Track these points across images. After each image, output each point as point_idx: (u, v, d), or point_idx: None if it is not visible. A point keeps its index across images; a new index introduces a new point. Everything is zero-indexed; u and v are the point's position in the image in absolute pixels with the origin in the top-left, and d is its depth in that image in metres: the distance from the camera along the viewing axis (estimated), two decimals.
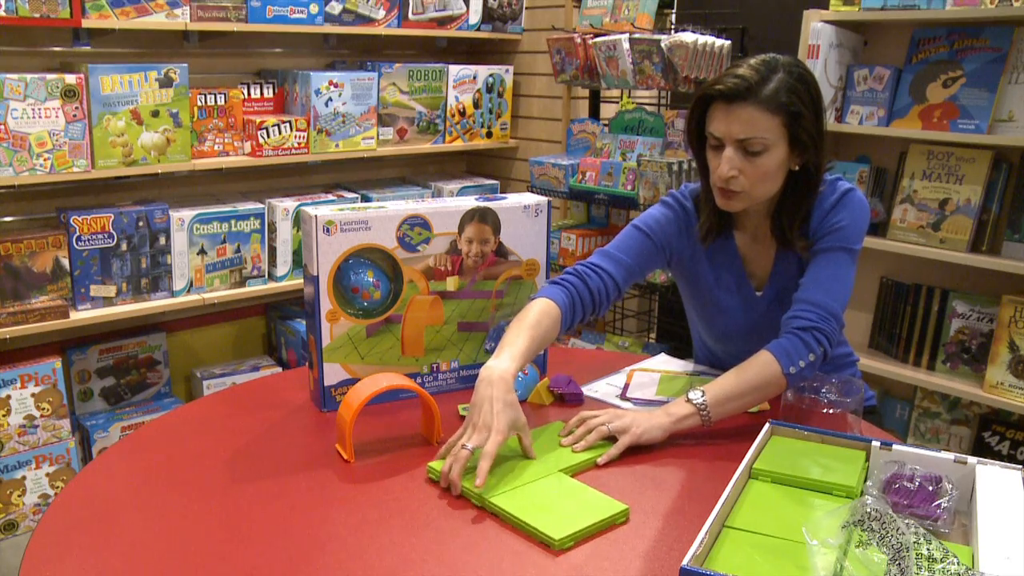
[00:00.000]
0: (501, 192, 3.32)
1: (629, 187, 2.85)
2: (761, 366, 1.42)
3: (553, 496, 1.22)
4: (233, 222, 2.79)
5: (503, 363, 1.33)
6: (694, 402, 1.39)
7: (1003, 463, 1.17)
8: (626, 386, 1.67)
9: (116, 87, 2.49)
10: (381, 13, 3.00)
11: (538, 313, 1.45)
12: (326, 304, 1.47)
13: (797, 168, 1.49)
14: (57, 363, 2.53)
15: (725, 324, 1.67)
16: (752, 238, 1.61)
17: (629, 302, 3.50)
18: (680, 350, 2.10)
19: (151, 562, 1.06)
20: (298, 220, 2.90)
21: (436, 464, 1.29)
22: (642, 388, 1.65)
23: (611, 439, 1.37)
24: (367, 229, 1.47)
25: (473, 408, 1.29)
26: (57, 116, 2.41)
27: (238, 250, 2.83)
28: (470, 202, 1.57)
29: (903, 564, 0.95)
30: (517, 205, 1.59)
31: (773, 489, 1.18)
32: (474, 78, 3.30)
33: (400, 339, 1.55)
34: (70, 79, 2.41)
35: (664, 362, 1.82)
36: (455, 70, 3.24)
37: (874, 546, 0.99)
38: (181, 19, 2.58)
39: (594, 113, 3.32)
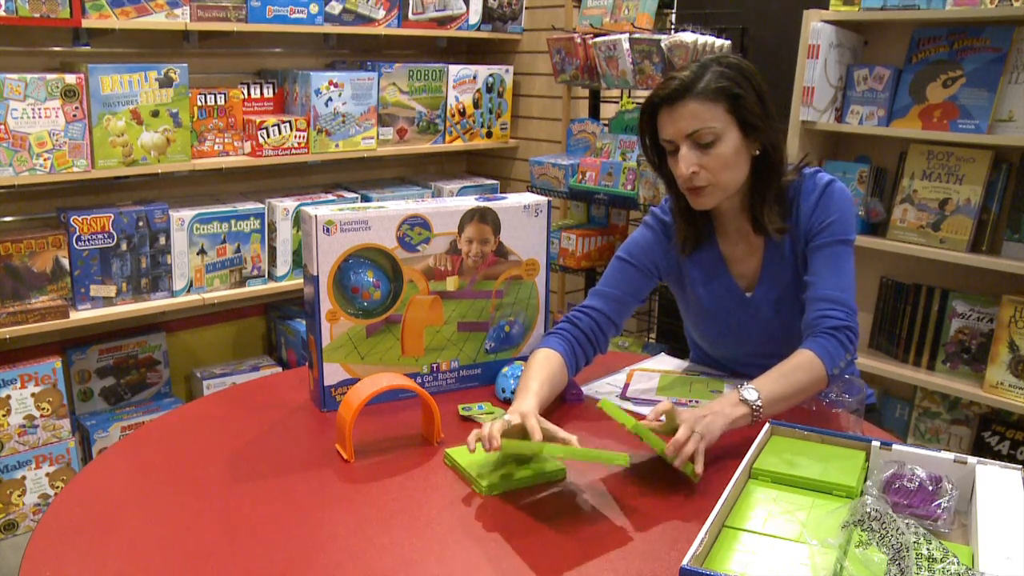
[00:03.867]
0: (501, 192, 3.32)
1: (629, 187, 2.85)
2: (809, 369, 1.41)
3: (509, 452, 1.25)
4: (233, 222, 2.79)
5: (525, 402, 1.36)
6: (750, 403, 1.36)
7: (1003, 463, 1.17)
8: (626, 386, 1.67)
9: (116, 87, 2.49)
10: (381, 13, 3.00)
11: (543, 358, 1.50)
12: (326, 304, 1.47)
13: (758, 153, 1.51)
14: (57, 363, 2.53)
15: (717, 328, 1.68)
16: (736, 240, 1.62)
17: None
18: (679, 350, 2.11)
19: (151, 562, 1.06)
20: (298, 220, 2.90)
21: (453, 452, 1.33)
22: (642, 388, 1.65)
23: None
24: (367, 229, 1.47)
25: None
26: (57, 116, 2.41)
27: (238, 250, 2.83)
28: (470, 202, 1.57)
29: (903, 564, 0.95)
30: (517, 205, 1.59)
31: (773, 489, 1.18)
32: (474, 78, 3.30)
33: (400, 339, 1.55)
34: (70, 79, 2.41)
35: (664, 362, 1.82)
36: (455, 70, 3.24)
37: (874, 546, 0.99)
38: (181, 19, 2.58)
39: (594, 113, 3.32)
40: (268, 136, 2.81)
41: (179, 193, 2.95)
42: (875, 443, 1.24)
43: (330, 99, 2.90)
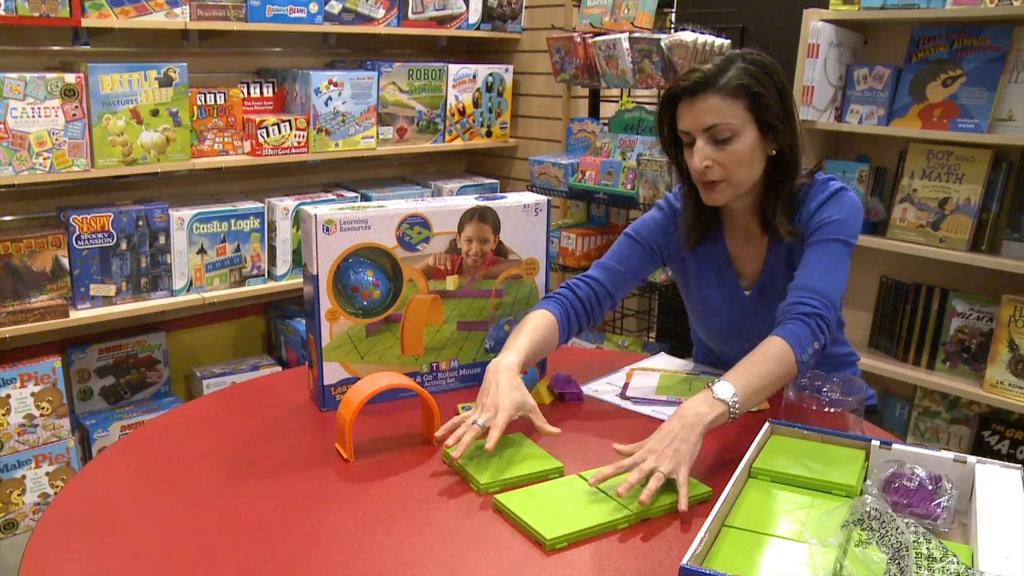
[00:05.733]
0: (501, 191, 3.32)
1: (629, 186, 2.85)
2: (779, 357, 1.37)
3: (558, 496, 1.22)
4: (233, 221, 2.79)
5: (507, 357, 1.41)
6: (727, 401, 1.29)
7: (1003, 462, 1.17)
8: (626, 385, 1.67)
9: (116, 86, 2.49)
10: (381, 12, 3.00)
11: (535, 319, 1.52)
12: (326, 303, 1.47)
13: (774, 153, 1.50)
14: (57, 362, 2.53)
15: (716, 322, 1.68)
16: (743, 239, 1.62)
17: (629, 302, 3.50)
18: (680, 349, 2.11)
19: (151, 562, 1.06)
20: (298, 219, 2.89)
21: (452, 450, 1.33)
22: (642, 387, 1.65)
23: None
24: (367, 228, 1.47)
25: (480, 393, 1.36)
26: (57, 115, 2.41)
27: (238, 249, 2.83)
28: (470, 201, 1.56)
29: (903, 563, 0.95)
30: (517, 204, 1.59)
31: (773, 489, 1.18)
32: (474, 77, 3.30)
33: (400, 338, 1.55)
34: (70, 78, 2.41)
35: (664, 361, 1.82)
36: (455, 69, 3.24)
37: (874, 545, 0.99)
38: (181, 18, 2.58)
39: (594, 112, 3.32)
40: (268, 135, 2.81)
41: (179, 192, 2.95)
42: (875, 443, 1.24)
43: (330, 98, 2.90)
